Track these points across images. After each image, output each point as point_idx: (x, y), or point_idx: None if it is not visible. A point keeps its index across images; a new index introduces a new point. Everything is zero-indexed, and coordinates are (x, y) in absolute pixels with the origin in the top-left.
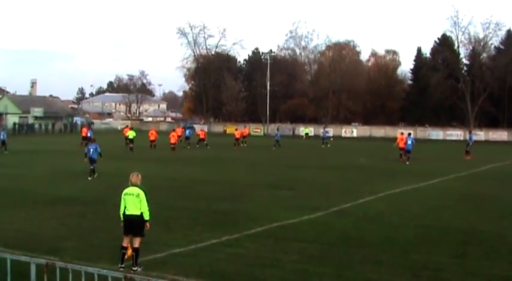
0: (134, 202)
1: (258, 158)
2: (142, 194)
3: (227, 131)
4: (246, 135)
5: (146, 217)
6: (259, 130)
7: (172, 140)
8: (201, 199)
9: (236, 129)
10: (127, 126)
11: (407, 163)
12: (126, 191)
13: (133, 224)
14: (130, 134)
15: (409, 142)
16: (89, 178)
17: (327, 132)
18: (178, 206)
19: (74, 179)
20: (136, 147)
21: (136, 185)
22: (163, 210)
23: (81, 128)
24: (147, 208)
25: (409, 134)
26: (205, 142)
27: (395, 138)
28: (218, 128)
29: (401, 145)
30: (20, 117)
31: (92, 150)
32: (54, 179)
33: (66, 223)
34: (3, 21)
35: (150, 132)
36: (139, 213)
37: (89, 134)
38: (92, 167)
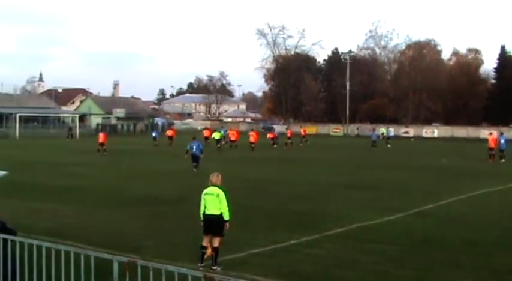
0: (214, 201)
1: (337, 158)
2: (222, 194)
3: (306, 132)
4: (304, 135)
5: (226, 216)
6: (338, 130)
7: (252, 139)
8: (280, 199)
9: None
10: (206, 128)
11: (503, 160)
12: (206, 191)
13: (213, 224)
14: (216, 135)
15: (502, 141)
16: (194, 170)
17: (390, 132)
18: (257, 206)
19: (156, 178)
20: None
21: (216, 185)
22: (242, 210)
23: (166, 130)
24: (227, 208)
25: (501, 133)
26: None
27: (483, 140)
28: (297, 128)
29: (492, 144)
30: (102, 118)
31: (194, 147)
32: (137, 178)
33: (148, 222)
34: (88, 25)
35: (231, 133)
36: (219, 213)
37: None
38: (195, 164)
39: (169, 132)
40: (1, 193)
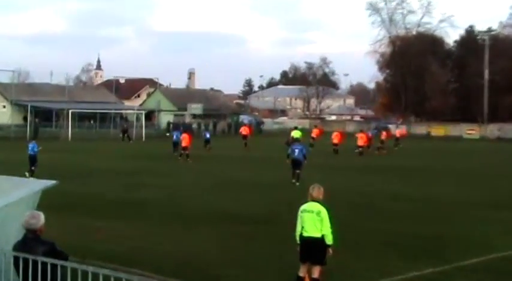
0: (314, 221)
1: (469, 167)
2: (324, 211)
3: (431, 133)
4: (400, 137)
5: (328, 240)
6: (474, 132)
7: (360, 142)
8: (397, 219)
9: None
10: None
11: None
12: (304, 207)
13: (312, 249)
14: (296, 133)
15: None
16: (293, 181)
17: None
18: (368, 228)
19: (240, 191)
20: (318, 152)
21: (317, 201)
22: (349, 232)
23: (242, 126)
24: (330, 229)
25: None
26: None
27: None
28: (420, 129)
29: None
30: (175, 115)
31: (297, 151)
32: (216, 190)
33: (229, 245)
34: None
35: (334, 135)
36: (319, 235)
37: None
38: (297, 171)
39: (243, 130)
40: (49, 207)
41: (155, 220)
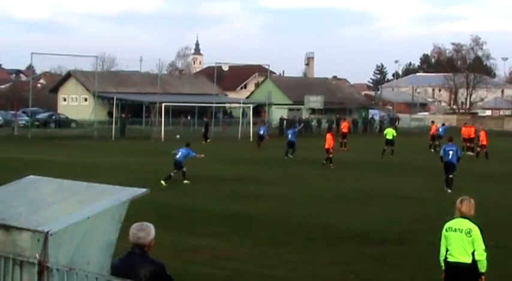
0: (463, 242)
1: None
2: (476, 230)
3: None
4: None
5: (482, 267)
6: None
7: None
8: None
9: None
10: (432, 122)
11: None
12: (450, 225)
13: (462, 277)
14: (389, 132)
15: None
16: (448, 191)
17: None
18: None
19: (370, 204)
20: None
21: (467, 217)
22: (506, 256)
23: (342, 122)
24: (485, 253)
25: None
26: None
27: None
28: None
29: None
30: (289, 110)
31: (451, 153)
32: (339, 203)
33: (356, 270)
34: None
35: (479, 134)
36: (470, 260)
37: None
38: (450, 176)
39: (343, 127)
40: (139, 220)
41: (264, 239)
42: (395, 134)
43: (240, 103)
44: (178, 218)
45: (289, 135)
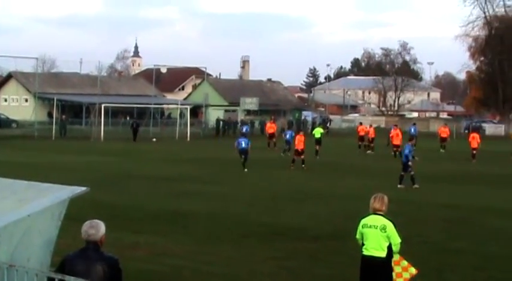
0: (378, 238)
1: None
2: (390, 226)
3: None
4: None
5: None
6: None
7: (395, 142)
8: (493, 238)
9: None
10: (360, 123)
11: None
12: (365, 221)
13: (376, 271)
14: (317, 132)
15: None
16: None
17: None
18: (457, 248)
19: (304, 203)
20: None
21: (380, 214)
22: (434, 253)
23: (266, 123)
24: (398, 246)
25: None
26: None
27: None
28: None
29: None
30: (225, 111)
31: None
32: (272, 201)
33: (289, 266)
34: None
35: (391, 134)
36: (384, 255)
37: None
38: (402, 173)
39: (269, 128)
40: (79, 218)
41: (202, 236)
42: (322, 132)
43: (177, 104)
44: (118, 216)
45: (287, 136)
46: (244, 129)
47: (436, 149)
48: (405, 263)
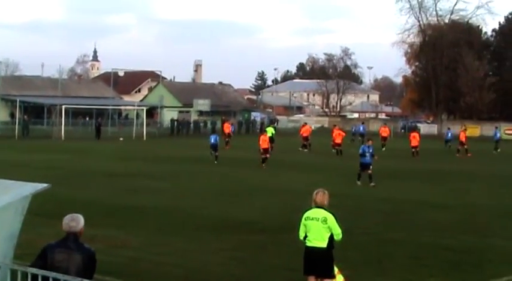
0: (319, 229)
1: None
2: (331, 218)
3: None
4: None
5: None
6: None
7: (337, 140)
8: (428, 229)
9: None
10: (305, 123)
11: None
12: (308, 214)
13: (318, 261)
14: (269, 130)
15: None
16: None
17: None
18: (394, 239)
19: (252, 198)
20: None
21: (321, 207)
22: (373, 244)
23: (224, 123)
24: (341, 235)
25: None
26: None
27: None
28: (454, 128)
29: None
30: (179, 112)
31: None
32: (223, 196)
33: (239, 256)
34: None
35: (334, 134)
36: (325, 245)
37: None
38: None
39: (225, 128)
40: (40, 213)
41: (156, 229)
42: (274, 132)
43: (134, 106)
44: (76, 211)
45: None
46: (213, 140)
47: (378, 148)
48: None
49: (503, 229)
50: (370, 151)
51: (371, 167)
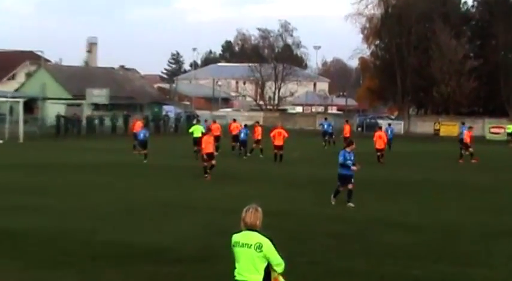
0: (252, 259)
1: (495, 182)
2: (267, 244)
3: (440, 132)
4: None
5: (279, 270)
6: (501, 131)
7: (277, 142)
8: (392, 256)
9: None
10: (234, 120)
11: None
12: (236, 239)
13: None
14: (197, 130)
15: None
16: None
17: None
18: (349, 269)
19: (163, 217)
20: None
21: (254, 229)
22: (322, 276)
23: (135, 122)
24: (283, 264)
25: None
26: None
27: None
28: (425, 125)
29: None
30: (68, 105)
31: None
32: (128, 216)
33: None
34: None
35: (273, 134)
36: (260, 279)
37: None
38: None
39: (136, 127)
40: None
41: (36, 260)
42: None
43: (6, 97)
44: None
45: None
46: (142, 136)
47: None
48: None
49: (490, 256)
50: (352, 158)
51: (352, 180)
